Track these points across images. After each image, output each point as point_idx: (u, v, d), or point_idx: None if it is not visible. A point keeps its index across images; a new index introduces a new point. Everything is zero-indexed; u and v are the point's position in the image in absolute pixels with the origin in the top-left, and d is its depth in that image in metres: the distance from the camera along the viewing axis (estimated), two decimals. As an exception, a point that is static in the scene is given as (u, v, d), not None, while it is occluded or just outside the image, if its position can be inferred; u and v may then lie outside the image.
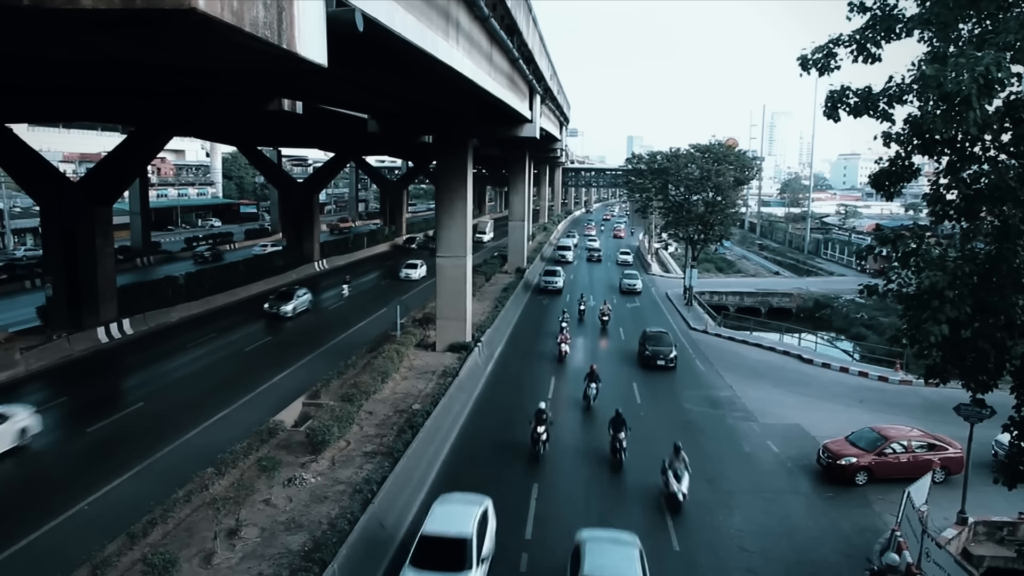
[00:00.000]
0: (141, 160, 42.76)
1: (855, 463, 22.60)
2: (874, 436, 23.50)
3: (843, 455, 22.87)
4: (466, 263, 35.24)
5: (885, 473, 22.45)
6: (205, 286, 46.78)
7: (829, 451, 23.36)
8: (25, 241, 75.68)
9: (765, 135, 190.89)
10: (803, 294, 62.66)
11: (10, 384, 29.72)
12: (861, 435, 23.80)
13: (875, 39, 13.12)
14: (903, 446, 23.07)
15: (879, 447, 22.93)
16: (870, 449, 22.92)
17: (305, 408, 25.87)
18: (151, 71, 25.75)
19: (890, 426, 24.82)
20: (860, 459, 22.62)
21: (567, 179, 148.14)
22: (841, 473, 22.63)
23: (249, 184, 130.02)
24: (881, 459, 22.70)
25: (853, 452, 22.93)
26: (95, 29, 7.69)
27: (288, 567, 15.87)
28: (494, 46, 27.67)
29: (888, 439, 23.20)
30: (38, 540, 17.71)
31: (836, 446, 23.51)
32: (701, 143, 59.21)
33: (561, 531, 18.95)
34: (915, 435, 23.68)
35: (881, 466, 22.60)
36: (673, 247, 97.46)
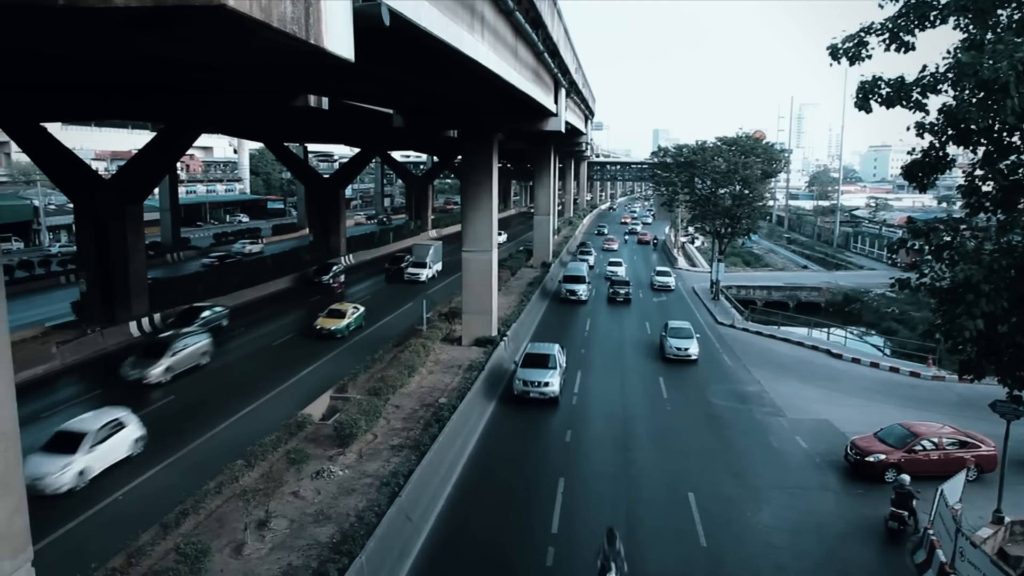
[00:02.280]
0: (170, 157, 43.27)
1: (884, 460, 22.21)
2: (904, 432, 23.09)
3: (871, 451, 22.50)
4: (492, 257, 35.27)
5: (915, 470, 21.76)
6: (233, 281, 47.29)
7: (857, 447, 22.99)
8: (60, 238, 76.97)
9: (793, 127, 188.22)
10: (832, 288, 61.89)
11: (47, 377, 30.32)
12: (890, 431, 23.39)
13: (908, 27, 12.86)
14: (934, 443, 22.59)
15: (909, 444, 22.50)
16: (899, 446, 22.50)
17: (333, 402, 26.10)
18: (180, 69, 26.03)
19: (920, 422, 24.35)
20: (889, 456, 22.23)
21: (592, 173, 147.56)
22: (869, 470, 22.27)
23: (276, 180, 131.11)
24: (911, 456, 22.25)
25: (882, 449, 22.53)
26: (127, 27, 7.78)
27: (316, 558, 16.03)
28: (519, 40, 27.59)
29: (918, 436, 22.76)
30: (75, 529, 18.07)
31: (864, 442, 23.13)
32: (728, 136, 58.53)
33: (587, 525, 18.98)
34: (946, 432, 23.20)
35: (911, 463, 22.08)
36: (699, 241, 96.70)
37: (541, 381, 28.01)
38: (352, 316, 39.08)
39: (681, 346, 35.66)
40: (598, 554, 14.81)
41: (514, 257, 61.35)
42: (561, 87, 40.98)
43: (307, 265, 57.65)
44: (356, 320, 39.35)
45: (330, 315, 38.69)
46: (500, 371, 31.35)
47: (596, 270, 65.58)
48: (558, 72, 37.86)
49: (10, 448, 9.32)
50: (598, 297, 52.73)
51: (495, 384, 29.76)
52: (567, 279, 52.01)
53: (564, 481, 21.41)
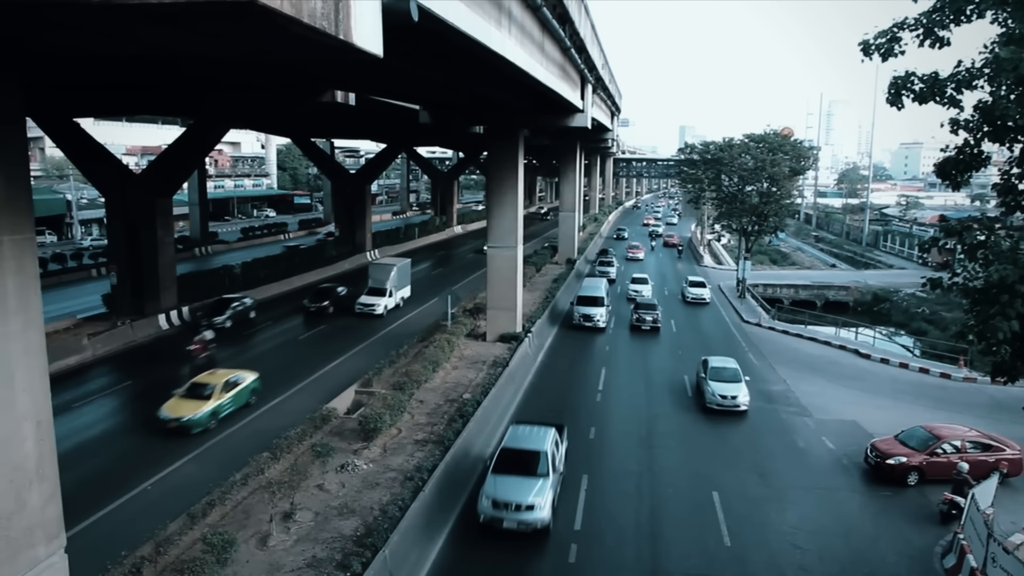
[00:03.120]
0: (199, 152, 43.75)
1: (905, 463, 21.71)
2: (925, 435, 22.53)
3: (892, 454, 22.01)
4: (517, 253, 35.29)
5: (937, 474, 21.41)
6: (260, 275, 47.74)
7: (878, 450, 22.52)
8: (91, 231, 78.20)
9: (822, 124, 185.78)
10: (861, 287, 61.09)
11: (79, 368, 30.83)
12: (912, 434, 22.86)
13: (943, 22, 12.61)
14: (956, 446, 22.02)
15: (931, 447, 21.96)
16: (921, 448, 21.98)
17: (358, 396, 26.25)
18: (210, 65, 26.32)
19: (942, 425, 23.82)
20: (911, 459, 21.74)
21: (618, 169, 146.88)
22: (890, 473, 21.79)
23: (303, 175, 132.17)
24: (933, 459, 21.73)
25: (903, 451, 22.03)
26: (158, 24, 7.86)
27: (341, 551, 16.16)
28: (546, 35, 27.50)
29: (940, 438, 22.18)
30: (106, 516, 18.36)
31: (885, 445, 22.63)
32: (756, 132, 58.00)
33: (610, 521, 18.93)
34: (970, 435, 22.61)
35: (933, 467, 21.61)
36: (726, 238, 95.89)
37: (519, 504, 17.70)
38: (226, 395, 24.82)
39: (726, 392, 27.58)
40: None
41: (539, 253, 61.27)
42: (588, 83, 40.80)
43: (333, 260, 58.08)
44: (235, 400, 25.36)
45: (190, 393, 24.64)
46: (525, 368, 31.34)
47: (617, 285, 55.23)
48: (584, 68, 37.69)
49: (45, 437, 9.50)
50: (619, 322, 43.17)
51: (520, 382, 29.75)
52: (581, 301, 41.65)
53: (587, 479, 21.36)
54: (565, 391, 29.84)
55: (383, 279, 43.26)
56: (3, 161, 8.77)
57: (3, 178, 8.77)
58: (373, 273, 44.32)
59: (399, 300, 44.23)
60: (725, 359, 30.48)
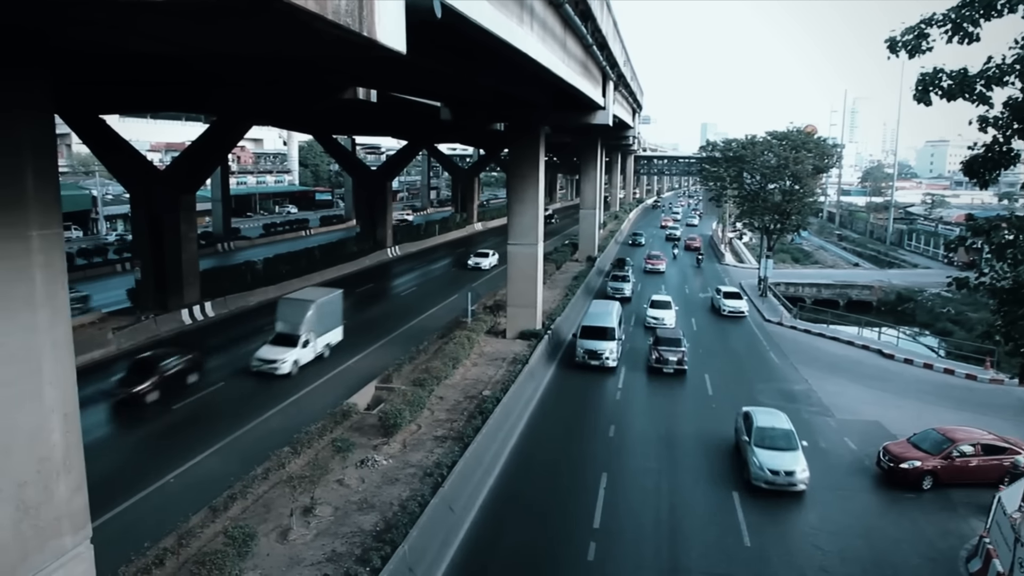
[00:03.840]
0: (222, 149, 44.11)
1: (919, 467, 21.23)
2: (939, 437, 22.05)
3: (906, 458, 21.52)
4: (537, 251, 35.26)
5: (953, 478, 21.05)
6: (282, 271, 48.08)
7: (891, 453, 22.04)
8: (116, 227, 79.13)
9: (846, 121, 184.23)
10: (884, 287, 60.42)
11: (104, 362, 31.23)
12: (925, 436, 22.41)
13: (973, 17, 12.38)
14: (971, 449, 21.56)
15: (945, 450, 21.49)
16: (935, 452, 21.52)
17: (377, 392, 26.36)
18: (234, 62, 26.52)
19: (956, 427, 23.30)
20: (924, 462, 21.30)
21: (639, 167, 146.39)
22: (904, 477, 21.27)
23: (324, 172, 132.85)
24: (948, 463, 21.29)
25: (917, 455, 21.56)
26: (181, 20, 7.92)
27: (360, 546, 16.25)
28: (568, 32, 27.42)
29: (955, 441, 21.69)
30: (131, 507, 18.61)
31: (898, 448, 22.16)
32: (778, 130, 57.45)
33: (630, 520, 18.88)
34: (985, 437, 22.10)
35: (948, 470, 21.17)
36: (747, 236, 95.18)
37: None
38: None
39: (778, 466, 20.59)
40: None
41: (559, 251, 61.17)
42: (609, 80, 40.65)
43: (354, 256, 58.37)
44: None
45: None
46: (544, 364, 31.33)
47: (632, 305, 46.47)
48: (606, 65, 37.56)
49: (72, 429, 9.64)
50: (635, 358, 33.94)
51: (539, 378, 29.74)
52: (586, 333, 32.49)
53: (607, 476, 21.32)
54: (585, 390, 29.78)
55: (296, 321, 30.53)
56: (33, 157, 8.89)
57: (33, 174, 8.89)
58: (283, 312, 31.26)
59: (321, 350, 31.82)
60: (773, 414, 23.47)
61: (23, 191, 8.78)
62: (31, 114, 8.88)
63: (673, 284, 56.66)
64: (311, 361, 30.89)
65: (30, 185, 8.85)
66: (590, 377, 31.21)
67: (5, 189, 8.57)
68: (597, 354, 31.53)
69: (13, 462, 8.70)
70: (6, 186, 8.58)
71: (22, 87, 8.76)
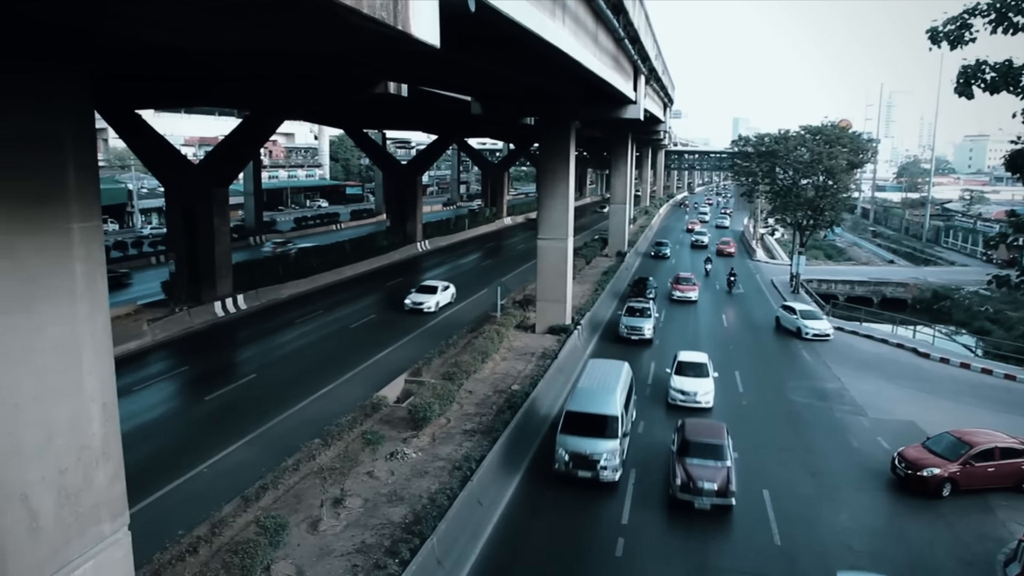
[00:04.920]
0: (255, 143, 44.61)
1: (938, 474, 20.14)
2: (955, 441, 21.10)
3: (924, 464, 20.45)
4: (567, 245, 35.19)
5: (971, 483, 20.23)
6: (313, 265, 48.55)
7: (906, 459, 20.94)
8: (151, 220, 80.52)
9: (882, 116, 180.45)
10: (920, 284, 59.34)
11: (140, 352, 31.81)
12: (940, 441, 21.41)
13: (1019, 6, 12.08)
14: (990, 452, 20.62)
15: (964, 455, 20.48)
16: (953, 457, 20.52)
17: (407, 385, 26.53)
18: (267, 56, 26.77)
19: (973, 430, 22.24)
20: (944, 468, 20.28)
21: (670, 162, 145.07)
22: (922, 485, 20.23)
23: (355, 166, 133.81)
24: (967, 468, 20.27)
25: (935, 461, 20.52)
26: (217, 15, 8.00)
27: (389, 537, 16.38)
28: (599, 25, 27.27)
29: (973, 445, 20.76)
30: (163, 497, 18.92)
31: (914, 453, 21.06)
32: (812, 124, 56.59)
33: (657, 513, 18.79)
34: (1006, 440, 21.20)
35: (967, 476, 20.28)
36: (779, 233, 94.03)
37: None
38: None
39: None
40: None
41: (589, 246, 60.99)
42: (640, 74, 40.38)
43: (384, 250, 58.74)
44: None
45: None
46: (574, 360, 31.26)
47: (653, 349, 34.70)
48: (638, 59, 37.31)
49: (111, 418, 9.83)
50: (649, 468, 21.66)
51: (569, 373, 29.69)
52: (571, 423, 20.63)
53: (635, 471, 21.25)
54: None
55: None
56: (74, 151, 9.06)
57: (75, 168, 9.06)
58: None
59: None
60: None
61: (65, 184, 8.96)
62: (73, 107, 9.05)
63: (708, 322, 41.55)
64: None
65: (71, 178, 9.03)
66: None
67: (48, 182, 8.75)
68: (590, 461, 19.78)
69: (55, 449, 8.90)
70: (49, 179, 8.76)
71: (65, 80, 8.93)
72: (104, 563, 9.75)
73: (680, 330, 39.39)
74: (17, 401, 8.37)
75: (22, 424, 8.45)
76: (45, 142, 8.72)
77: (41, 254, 8.68)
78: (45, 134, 8.71)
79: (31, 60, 8.41)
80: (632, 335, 35.52)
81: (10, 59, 8.16)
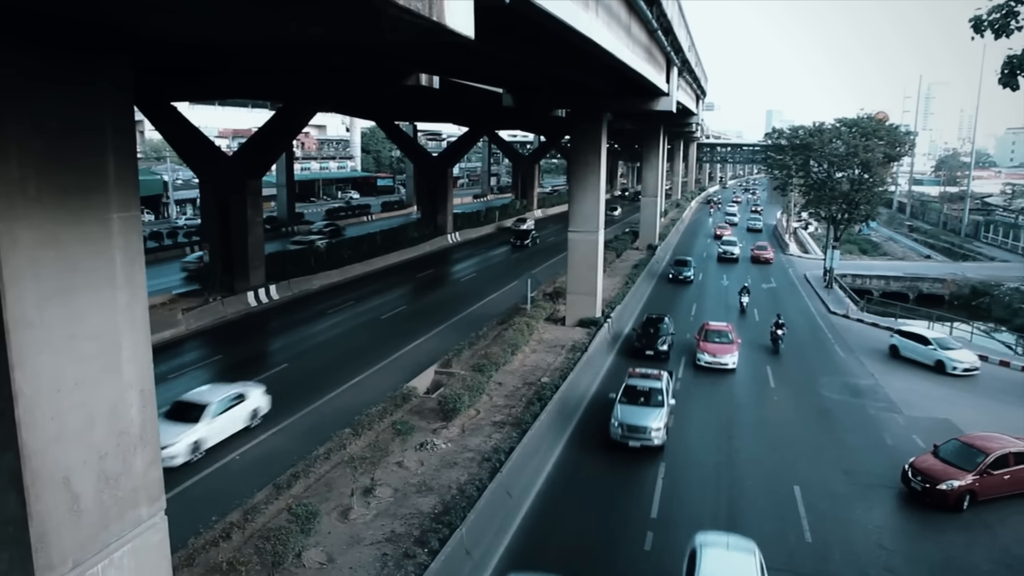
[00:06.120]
0: (287, 135, 45.04)
1: (960, 487, 18.89)
2: (969, 450, 19.94)
3: (943, 477, 19.14)
4: (598, 238, 35.07)
5: (989, 493, 19.32)
6: (344, 256, 48.95)
7: (921, 472, 19.59)
8: (186, 211, 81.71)
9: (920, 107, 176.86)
10: (958, 280, 58.14)
11: (174, 341, 32.36)
12: (952, 450, 20.22)
13: (1069, -7, 11.75)
14: (1006, 459, 19.65)
15: (980, 464, 19.35)
16: (969, 466, 19.34)
17: (437, 376, 26.66)
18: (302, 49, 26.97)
19: (984, 435, 21.19)
20: (963, 479, 19.07)
21: (702, 154, 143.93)
22: (943, 500, 18.91)
23: (386, 158, 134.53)
24: (985, 478, 19.21)
25: (954, 472, 19.25)
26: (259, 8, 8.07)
27: (419, 527, 16.48)
28: (632, 16, 27.05)
29: (989, 452, 19.62)
30: (196, 484, 19.26)
31: (926, 464, 19.79)
32: (848, 117, 55.62)
33: (687, 511, 18.69)
34: (1018, 444, 20.28)
35: (985, 486, 19.18)
36: (813, 227, 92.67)
37: None
38: None
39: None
40: None
41: (619, 239, 60.70)
42: (673, 66, 39.99)
43: (415, 242, 59.02)
44: None
45: None
46: (603, 353, 31.18)
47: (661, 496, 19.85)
48: (671, 50, 36.94)
49: (148, 405, 10.01)
50: None
51: (597, 368, 29.62)
52: None
53: (664, 467, 21.15)
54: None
55: None
56: (116, 144, 9.21)
57: (115, 160, 9.21)
58: None
59: None
60: None
61: (105, 175, 9.11)
62: (114, 98, 9.19)
63: (749, 401, 27.35)
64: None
65: (111, 169, 9.17)
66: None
67: (90, 172, 8.90)
68: None
69: (96, 434, 9.09)
70: (91, 169, 8.91)
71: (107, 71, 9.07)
72: (142, 546, 9.94)
73: (708, 431, 24.24)
74: (60, 387, 8.56)
75: (64, 409, 8.63)
76: (87, 132, 8.87)
77: (82, 243, 8.85)
78: (87, 124, 8.86)
79: (75, 51, 8.56)
80: (630, 440, 21.76)
81: (56, 48, 8.32)
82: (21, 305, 8.03)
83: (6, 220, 7.80)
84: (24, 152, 8.00)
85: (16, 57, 7.88)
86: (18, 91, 7.96)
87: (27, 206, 8.05)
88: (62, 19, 8.11)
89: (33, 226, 8.13)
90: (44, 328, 8.36)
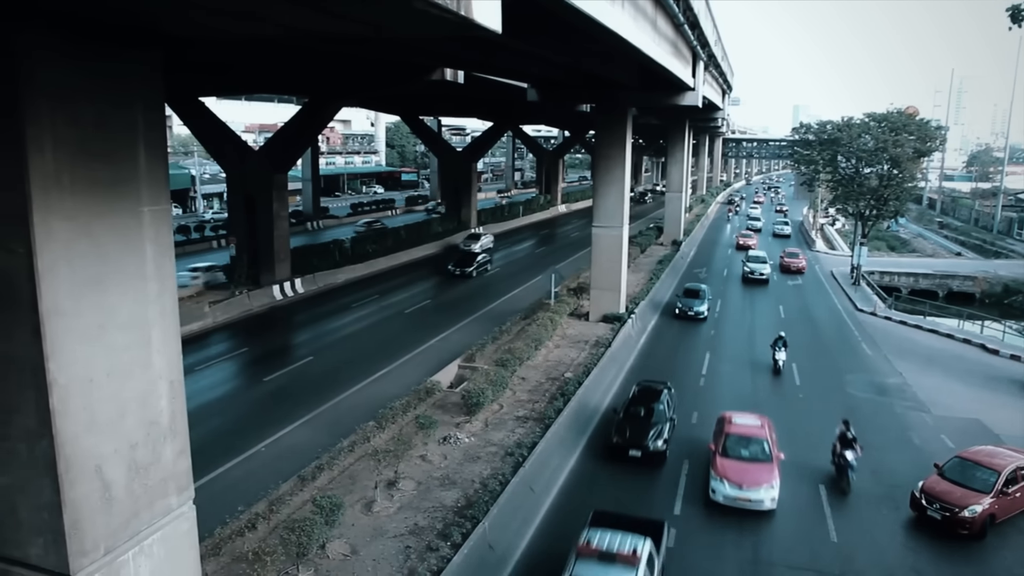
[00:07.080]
0: (313, 130, 45.28)
1: (983, 511, 17.43)
2: (978, 467, 18.57)
3: (964, 504, 17.48)
4: (622, 233, 34.95)
5: (1005, 513, 18.20)
6: (368, 250, 49.21)
7: (938, 498, 17.87)
8: (212, 205, 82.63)
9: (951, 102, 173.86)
10: (990, 278, 57.17)
11: (201, 333, 32.75)
12: (960, 470, 18.72)
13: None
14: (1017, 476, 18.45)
15: (996, 483, 17.93)
16: (984, 488, 17.91)
17: (461, 370, 26.74)
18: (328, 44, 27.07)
19: (987, 452, 19.73)
20: (983, 503, 17.57)
21: (727, 150, 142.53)
22: (968, 527, 17.36)
23: (410, 153, 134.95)
24: (1001, 499, 17.86)
25: (973, 496, 17.68)
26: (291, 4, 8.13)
27: (442, 521, 16.58)
28: (659, 10, 26.83)
29: (997, 469, 18.31)
30: (223, 474, 19.48)
31: (944, 488, 18.10)
32: (877, 111, 54.82)
33: (706, 508, 18.59)
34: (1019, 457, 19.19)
35: (1003, 506, 17.95)
36: (840, 223, 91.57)
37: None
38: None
39: None
40: None
41: (644, 234, 60.43)
42: (699, 60, 39.61)
43: (439, 236, 59.17)
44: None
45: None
46: (627, 349, 31.08)
47: None
48: (697, 44, 36.59)
49: (177, 395, 10.16)
50: None
51: (622, 362, 29.54)
52: None
53: (688, 464, 21.05)
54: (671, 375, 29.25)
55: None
56: (147, 138, 9.33)
57: (146, 154, 9.34)
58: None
59: None
60: None
61: (136, 168, 9.23)
62: (145, 93, 9.31)
63: None
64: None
65: (142, 162, 9.30)
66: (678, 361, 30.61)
67: (121, 165, 9.03)
68: None
69: (126, 424, 9.24)
70: (123, 162, 9.04)
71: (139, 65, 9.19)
72: (170, 535, 10.11)
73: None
74: (92, 377, 8.71)
75: (96, 399, 8.78)
76: (119, 126, 8.99)
77: (114, 235, 8.98)
78: (120, 118, 8.99)
79: (111, 44, 8.68)
80: None
81: (93, 41, 8.44)
82: (55, 295, 8.18)
83: (42, 211, 7.95)
84: (58, 144, 8.13)
85: (58, 44, 8.04)
86: (55, 83, 8.10)
87: (61, 198, 8.19)
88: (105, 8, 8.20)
89: (67, 217, 8.28)
90: (77, 318, 8.50)
